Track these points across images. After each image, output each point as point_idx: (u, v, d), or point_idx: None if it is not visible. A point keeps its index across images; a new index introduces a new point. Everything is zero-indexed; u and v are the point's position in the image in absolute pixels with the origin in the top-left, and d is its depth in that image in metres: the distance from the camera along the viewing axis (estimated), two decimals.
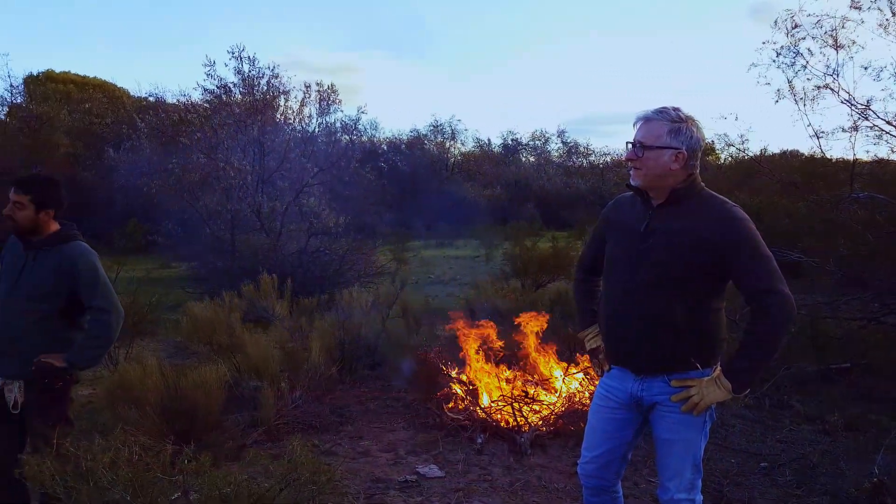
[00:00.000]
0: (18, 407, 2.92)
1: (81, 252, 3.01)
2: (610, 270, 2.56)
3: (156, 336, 7.79)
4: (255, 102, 12.85)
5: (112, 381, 4.50)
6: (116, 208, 17.71)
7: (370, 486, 3.87)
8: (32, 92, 23.68)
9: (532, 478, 3.97)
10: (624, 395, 2.52)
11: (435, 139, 34.86)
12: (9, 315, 2.95)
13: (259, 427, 4.63)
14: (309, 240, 11.39)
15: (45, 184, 3.02)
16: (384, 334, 6.64)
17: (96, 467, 2.34)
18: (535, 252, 11.20)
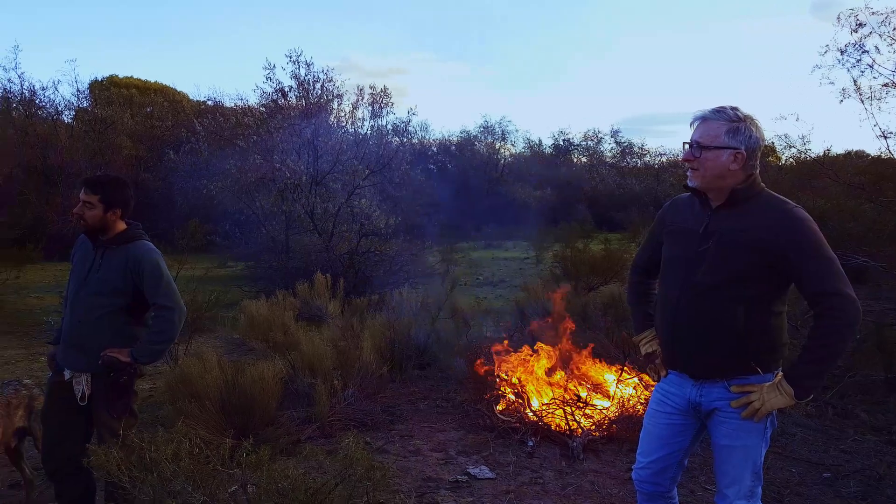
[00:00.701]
0: (86, 399, 3.04)
1: (146, 251, 3.10)
2: (667, 273, 2.51)
3: (214, 333, 8.02)
4: (309, 105, 13.09)
5: (173, 375, 4.65)
6: (176, 209, 18.31)
7: (421, 484, 3.89)
8: (97, 96, 24.65)
9: (584, 483, 3.92)
10: (681, 401, 2.47)
11: (485, 140, 34.83)
12: (78, 311, 3.07)
13: (313, 423, 4.72)
14: (360, 241, 11.54)
15: (114, 184, 3.12)
16: (434, 335, 6.67)
17: (159, 458, 2.43)
18: (586, 254, 11.06)
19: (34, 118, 20.50)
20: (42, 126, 20.01)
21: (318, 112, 13.22)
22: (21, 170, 18.66)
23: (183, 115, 23.20)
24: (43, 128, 19.89)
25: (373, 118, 14.50)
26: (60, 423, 3.09)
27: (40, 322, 9.43)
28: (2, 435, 3.37)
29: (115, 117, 21.70)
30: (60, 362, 3.11)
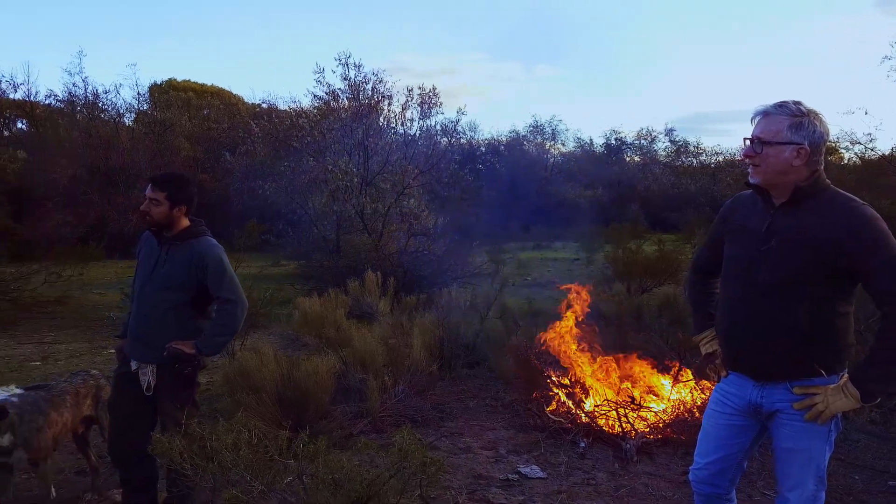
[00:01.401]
0: (151, 389, 3.16)
1: (210, 247, 3.21)
2: (728, 272, 2.46)
3: (268, 329, 8.21)
4: (360, 107, 13.26)
5: (231, 368, 4.78)
6: (232, 209, 18.80)
7: (472, 481, 3.91)
8: (157, 99, 25.51)
9: (638, 485, 3.87)
10: (742, 402, 2.41)
11: (534, 140, 34.61)
12: (144, 305, 3.20)
13: (365, 418, 4.79)
14: (408, 240, 11.62)
15: (179, 182, 3.23)
16: (482, 334, 6.67)
17: (220, 447, 2.50)
18: (639, 255, 10.88)
19: (97, 121, 21.34)
20: (104, 128, 20.80)
21: (368, 113, 13.38)
22: (85, 170, 19.45)
23: (239, 118, 23.80)
24: (105, 130, 20.67)
25: (422, 118, 14.59)
26: (127, 413, 3.22)
27: (103, 317, 9.82)
28: (70, 423, 3.51)
29: (174, 119, 22.41)
30: (127, 354, 3.24)
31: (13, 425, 3.04)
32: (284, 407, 4.30)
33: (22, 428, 3.08)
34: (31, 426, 3.13)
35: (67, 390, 3.50)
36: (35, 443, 3.14)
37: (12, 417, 3.04)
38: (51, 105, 22.34)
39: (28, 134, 21.84)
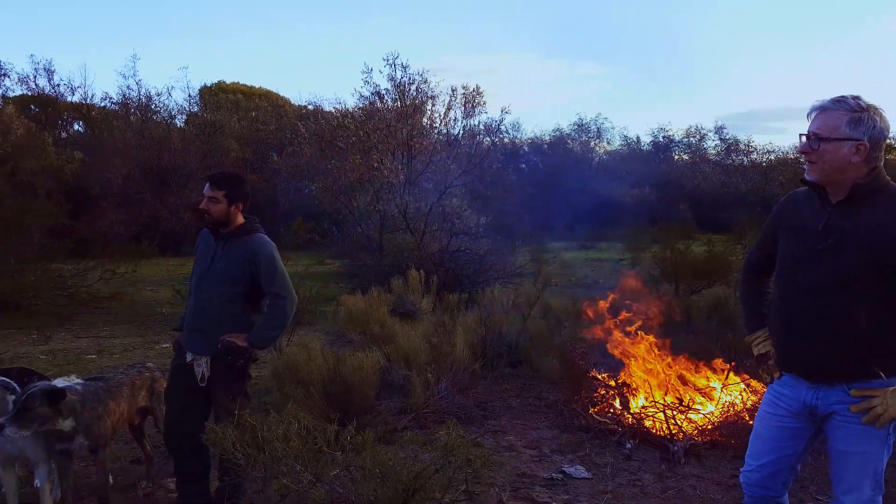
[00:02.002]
0: (205, 380, 3.27)
1: (262, 243, 3.31)
2: (783, 271, 2.41)
3: (313, 326, 8.34)
4: (405, 107, 13.37)
5: (280, 362, 4.89)
6: (279, 208, 19.15)
7: (516, 479, 3.91)
8: (207, 101, 26.17)
9: (686, 487, 3.81)
10: (796, 404, 2.36)
11: (579, 138, 34.24)
12: (201, 298, 3.32)
13: (408, 414, 4.83)
14: (451, 239, 11.66)
15: (236, 181, 3.37)
16: (525, 333, 6.65)
17: (271, 438, 2.57)
18: (688, 256, 10.66)
19: (150, 122, 22.00)
20: (157, 129, 21.43)
21: (413, 113, 13.48)
22: (138, 171, 20.07)
23: (286, 119, 24.22)
24: (158, 131, 21.29)
25: (465, 118, 14.64)
26: (182, 403, 3.34)
27: (155, 313, 10.13)
28: (127, 413, 3.64)
29: (223, 121, 22.95)
30: (184, 346, 3.36)
31: (75, 412, 3.17)
32: (331, 401, 4.38)
33: (83, 415, 3.21)
34: (91, 414, 3.26)
35: (124, 381, 3.63)
36: (95, 430, 3.27)
37: (74, 404, 3.17)
38: (106, 107, 23.15)
39: (84, 135, 22.67)
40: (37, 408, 3.04)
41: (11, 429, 2.96)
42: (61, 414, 3.12)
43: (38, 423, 3.05)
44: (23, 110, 20.96)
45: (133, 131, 21.01)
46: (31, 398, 3.03)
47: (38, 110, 22.29)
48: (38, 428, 3.07)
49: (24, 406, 3.01)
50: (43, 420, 3.07)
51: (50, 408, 3.08)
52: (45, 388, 3.10)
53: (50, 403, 3.08)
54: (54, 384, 3.20)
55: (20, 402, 3.01)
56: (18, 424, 2.98)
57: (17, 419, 2.98)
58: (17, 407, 3.00)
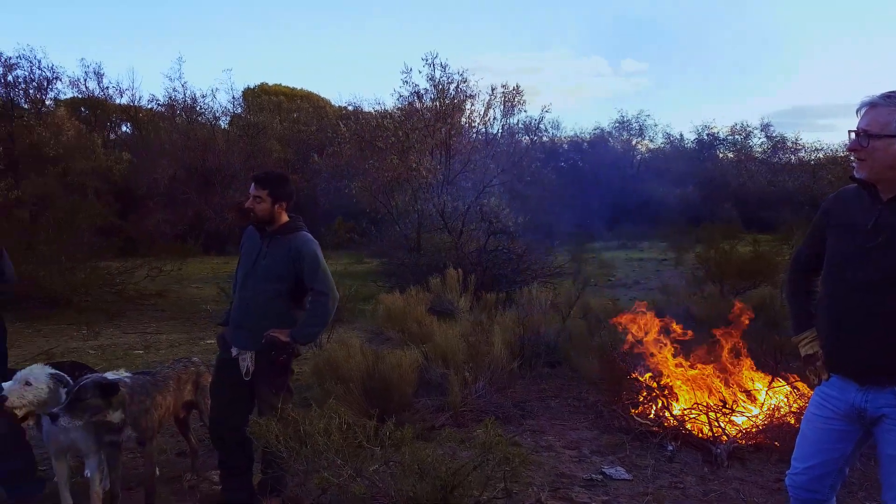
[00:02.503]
0: (250, 375, 3.35)
1: (306, 241, 3.39)
2: (831, 270, 2.35)
3: (352, 324, 8.44)
4: (444, 107, 13.40)
5: (320, 359, 4.96)
6: (319, 208, 19.40)
7: (555, 479, 3.88)
8: (250, 103, 26.66)
9: (729, 490, 3.74)
10: (844, 406, 2.30)
11: (620, 136, 33.80)
12: (246, 294, 3.40)
13: (446, 412, 4.84)
14: (489, 239, 11.64)
15: (280, 180, 3.44)
16: (564, 333, 6.60)
17: (313, 432, 2.61)
18: (733, 256, 10.44)
19: (195, 124, 22.51)
20: (202, 131, 21.92)
21: (452, 113, 13.51)
22: (183, 171, 20.57)
23: (326, 120, 24.53)
24: (203, 133, 21.78)
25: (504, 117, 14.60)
26: (227, 397, 3.43)
27: (200, 310, 10.37)
28: (173, 406, 3.74)
29: (266, 122, 23.36)
30: (229, 341, 3.44)
31: (124, 404, 3.27)
32: (370, 397, 4.42)
33: (132, 408, 3.31)
34: (139, 407, 3.35)
35: (170, 375, 3.73)
36: (143, 423, 3.36)
37: (123, 396, 3.27)
38: (153, 109, 23.78)
39: (132, 137, 23.31)
40: (89, 399, 3.14)
41: (65, 418, 3.06)
42: (111, 406, 3.22)
43: (89, 414, 3.15)
44: (73, 112, 21.63)
45: (179, 133, 21.52)
46: (83, 390, 3.13)
47: (88, 112, 23.00)
48: (89, 419, 3.16)
49: (77, 397, 3.11)
50: (94, 411, 3.17)
51: (101, 399, 3.18)
52: (97, 381, 3.21)
53: (102, 396, 3.18)
54: (106, 377, 3.30)
55: (73, 392, 3.12)
56: (71, 414, 3.08)
57: (70, 409, 3.08)
58: (70, 398, 3.11)
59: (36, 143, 18.27)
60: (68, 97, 22.61)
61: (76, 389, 3.12)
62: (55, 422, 3.05)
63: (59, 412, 3.04)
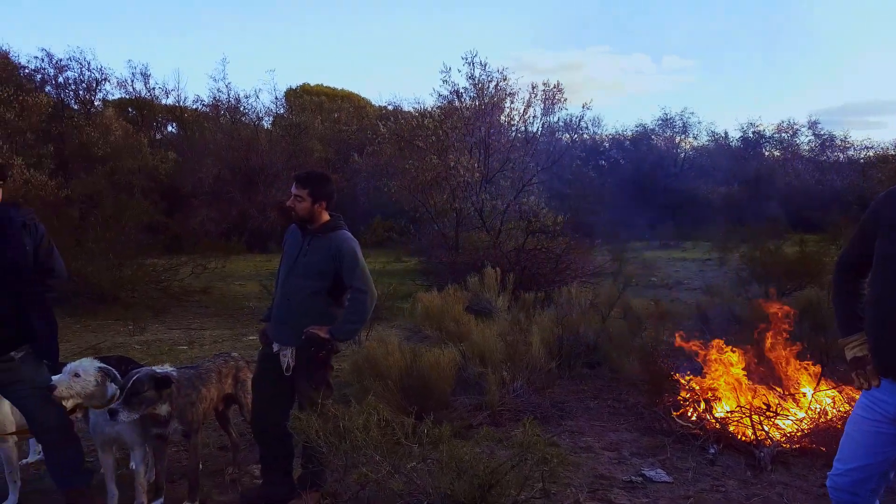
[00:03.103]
0: (290, 370, 3.40)
1: (346, 239, 3.43)
2: (882, 272, 2.28)
3: (391, 322, 8.50)
4: (483, 105, 13.37)
5: (359, 356, 5.00)
6: (359, 207, 19.57)
7: (593, 481, 3.85)
8: (292, 103, 27.04)
9: (772, 494, 3.65)
10: (893, 409, 2.23)
11: (663, 134, 33.24)
12: (287, 291, 3.46)
13: (484, 411, 4.84)
14: (527, 238, 11.58)
15: (321, 180, 3.50)
16: (604, 334, 6.53)
17: (352, 428, 2.64)
18: (778, 256, 10.19)
19: (239, 124, 22.92)
20: (245, 131, 22.30)
21: (491, 111, 13.47)
22: (227, 170, 20.96)
23: (367, 120, 24.71)
24: (246, 132, 22.15)
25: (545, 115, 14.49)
26: (268, 392, 3.49)
27: (243, 307, 10.56)
28: (216, 399, 3.82)
29: (308, 122, 23.65)
30: (270, 337, 3.50)
31: (171, 397, 3.35)
32: (407, 395, 4.45)
33: (178, 401, 3.40)
34: (185, 400, 3.44)
35: (212, 369, 3.81)
36: (188, 416, 3.45)
37: (171, 389, 3.35)
38: (197, 109, 24.31)
39: (177, 136, 23.85)
40: (145, 392, 3.22)
41: (124, 413, 3.14)
42: (161, 399, 3.31)
43: (144, 407, 3.24)
44: (121, 113, 22.23)
45: (223, 132, 21.94)
46: (139, 383, 3.21)
47: (135, 112, 23.61)
48: (143, 411, 3.24)
49: (134, 391, 3.19)
50: (149, 404, 3.25)
51: (155, 392, 3.26)
52: (151, 374, 3.29)
53: (156, 389, 3.26)
54: (155, 370, 3.39)
55: (129, 387, 3.18)
56: (129, 408, 3.16)
57: (128, 404, 3.16)
58: (126, 392, 3.17)
59: (85, 142, 18.85)
60: (116, 98, 23.30)
61: (132, 383, 3.19)
62: (114, 417, 3.13)
63: (118, 407, 3.12)
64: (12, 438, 3.50)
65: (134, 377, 3.23)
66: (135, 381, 3.20)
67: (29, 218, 3.07)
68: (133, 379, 3.21)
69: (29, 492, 3.66)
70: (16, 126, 17.20)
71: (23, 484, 3.59)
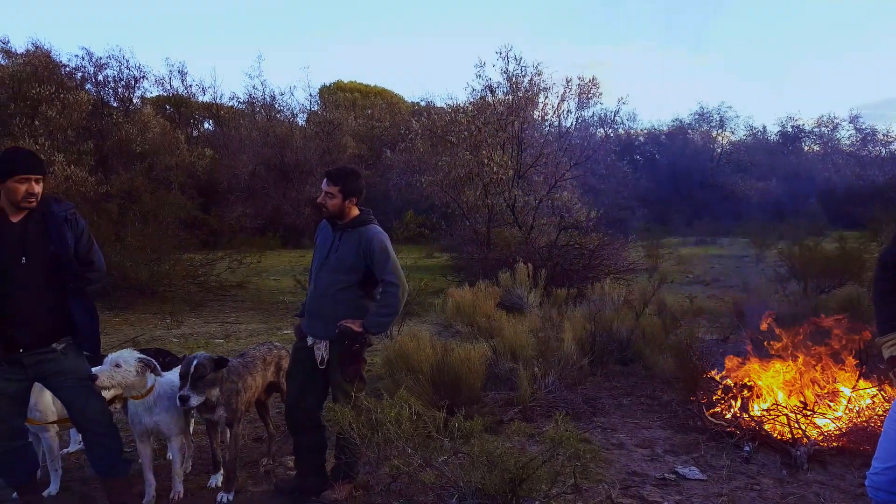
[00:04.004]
0: (324, 363, 3.45)
1: (376, 233, 3.47)
2: None
3: (422, 318, 8.53)
4: (517, 100, 13.30)
5: (391, 350, 5.04)
6: (391, 203, 19.67)
7: (626, 477, 3.82)
8: (326, 100, 27.28)
9: (808, 493, 3.58)
10: None
11: (699, 128, 32.70)
12: (320, 285, 3.51)
13: (515, 406, 4.83)
14: (559, 234, 11.51)
15: (351, 176, 3.52)
16: (638, 331, 6.46)
17: (384, 420, 2.67)
18: (817, 253, 9.96)
19: (274, 121, 23.21)
20: (280, 128, 22.58)
21: (525, 105, 13.40)
22: (262, 167, 21.25)
23: (399, 116, 24.80)
24: (281, 129, 22.43)
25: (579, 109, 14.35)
26: (303, 384, 3.55)
27: (277, 301, 10.72)
28: (260, 387, 3.93)
29: (341, 119, 23.83)
30: (304, 330, 3.56)
31: (221, 381, 3.47)
32: (438, 389, 4.47)
33: (226, 386, 3.53)
34: (232, 387, 3.58)
35: (257, 356, 3.94)
36: (234, 403, 3.57)
37: (221, 373, 3.48)
38: (233, 106, 24.67)
39: (214, 133, 24.25)
40: (208, 374, 3.36)
41: (194, 398, 3.29)
42: (217, 381, 3.43)
43: (207, 389, 3.37)
44: (159, 110, 22.67)
45: (258, 129, 22.24)
46: (201, 367, 3.33)
47: (173, 110, 24.08)
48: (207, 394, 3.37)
49: (199, 375, 3.31)
50: (211, 385, 3.39)
51: (215, 373, 3.40)
52: (208, 357, 3.41)
53: (215, 369, 3.40)
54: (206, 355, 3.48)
55: (193, 372, 3.30)
56: (196, 392, 3.30)
57: (195, 388, 3.30)
58: (192, 377, 3.29)
59: (124, 139, 19.29)
60: (154, 95, 23.78)
61: (195, 367, 3.30)
62: (186, 403, 3.28)
63: (188, 393, 3.27)
64: (53, 428, 3.61)
65: (194, 361, 3.33)
66: (197, 364, 3.32)
67: (70, 212, 3.15)
68: (195, 363, 3.32)
69: (70, 480, 3.78)
70: (57, 123, 17.69)
71: (63, 472, 3.71)
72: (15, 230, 2.99)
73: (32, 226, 3.02)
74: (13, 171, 2.92)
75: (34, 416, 3.44)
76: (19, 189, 2.94)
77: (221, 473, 3.71)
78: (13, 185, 2.93)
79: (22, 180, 2.94)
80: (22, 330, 3.00)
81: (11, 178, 2.92)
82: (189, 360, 3.36)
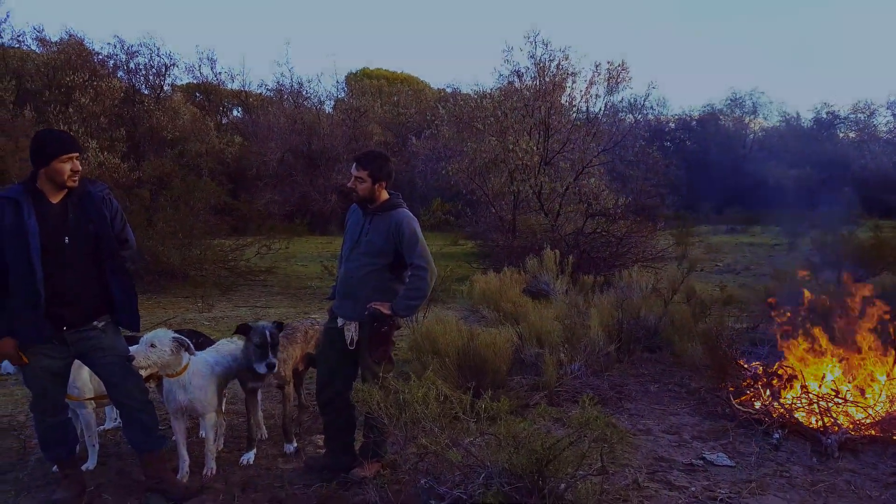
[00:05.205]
0: (354, 344, 3.52)
1: (405, 217, 3.51)
2: None
3: (447, 304, 8.56)
4: (544, 85, 13.17)
5: (418, 333, 5.08)
6: (416, 190, 19.70)
7: (653, 462, 3.81)
8: (352, 87, 27.35)
9: (839, 481, 3.55)
10: None
11: (731, 114, 32.11)
12: (350, 267, 3.56)
13: (540, 391, 4.84)
14: (586, 220, 11.41)
15: (379, 159, 3.57)
16: (666, 318, 6.41)
17: (412, 400, 2.70)
18: (852, 242, 9.77)
19: (301, 108, 23.34)
20: (308, 115, 22.70)
21: (552, 91, 13.25)
22: (290, 154, 21.41)
23: (425, 103, 24.76)
24: (309, 116, 22.55)
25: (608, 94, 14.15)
26: (333, 364, 3.64)
27: (305, 286, 10.83)
28: (299, 358, 4.16)
29: (367, 106, 23.89)
30: (335, 311, 3.64)
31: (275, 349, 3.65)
32: (464, 373, 4.50)
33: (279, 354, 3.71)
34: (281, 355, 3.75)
35: (299, 328, 4.22)
36: (281, 371, 3.77)
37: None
38: (262, 94, 24.85)
39: (243, 120, 24.48)
40: (279, 340, 3.64)
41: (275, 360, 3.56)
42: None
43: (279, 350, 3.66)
44: (189, 97, 22.93)
45: (286, 116, 22.39)
46: (273, 335, 3.60)
47: (202, 97, 24.34)
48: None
49: (273, 342, 3.57)
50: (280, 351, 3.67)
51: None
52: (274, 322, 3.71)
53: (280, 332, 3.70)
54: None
55: (269, 340, 3.55)
56: (275, 354, 3.58)
57: (275, 351, 3.58)
58: (270, 344, 3.55)
59: (155, 126, 19.56)
60: (184, 83, 24.04)
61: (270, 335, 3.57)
62: (273, 369, 3.55)
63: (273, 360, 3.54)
64: (91, 404, 3.73)
65: (265, 330, 3.58)
66: (271, 332, 3.58)
67: (105, 192, 3.23)
68: (269, 332, 3.57)
69: (106, 456, 3.90)
70: (90, 110, 17.99)
71: (101, 448, 3.83)
72: (56, 211, 3.08)
73: (72, 206, 3.10)
74: (58, 151, 3.00)
75: (72, 393, 3.55)
76: (64, 168, 3.02)
77: (254, 451, 3.88)
78: (58, 165, 3.00)
79: (65, 160, 3.01)
80: (67, 308, 3.10)
81: (56, 158, 2.99)
82: (261, 330, 3.60)
